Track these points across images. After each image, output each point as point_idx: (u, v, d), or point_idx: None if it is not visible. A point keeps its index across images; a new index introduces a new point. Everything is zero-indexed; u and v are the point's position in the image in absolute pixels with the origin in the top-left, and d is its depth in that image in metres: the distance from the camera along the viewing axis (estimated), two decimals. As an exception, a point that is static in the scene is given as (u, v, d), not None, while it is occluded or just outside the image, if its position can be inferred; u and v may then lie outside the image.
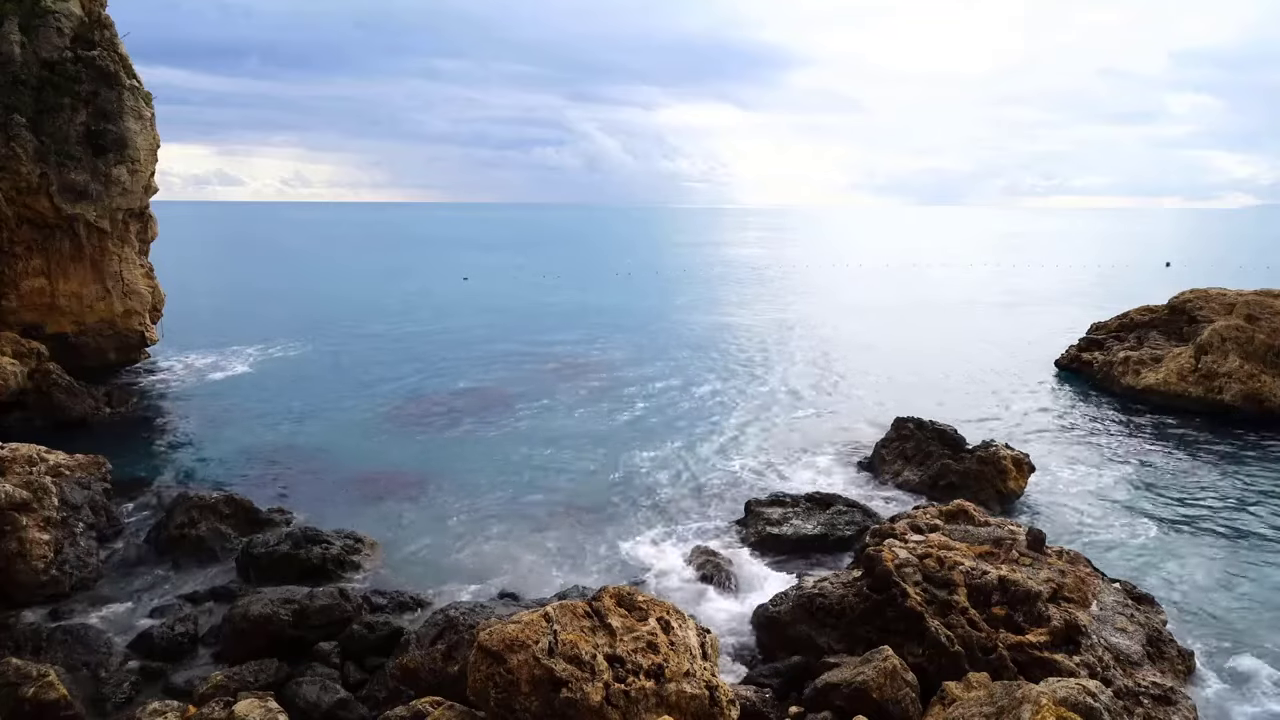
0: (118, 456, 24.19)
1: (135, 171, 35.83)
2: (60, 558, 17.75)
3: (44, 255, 34.66)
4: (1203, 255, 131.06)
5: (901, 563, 15.00)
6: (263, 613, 15.47)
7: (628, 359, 43.70)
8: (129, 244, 37.34)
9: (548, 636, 11.17)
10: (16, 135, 32.39)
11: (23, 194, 33.15)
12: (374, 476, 25.37)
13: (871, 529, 18.30)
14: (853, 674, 12.93)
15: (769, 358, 44.45)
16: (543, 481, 25.05)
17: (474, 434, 30.03)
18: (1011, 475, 23.36)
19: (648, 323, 56.81)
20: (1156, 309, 40.00)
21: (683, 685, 11.18)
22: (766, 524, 20.67)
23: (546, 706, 10.64)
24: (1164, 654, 14.51)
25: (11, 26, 32.91)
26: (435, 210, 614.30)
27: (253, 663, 14.59)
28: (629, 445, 28.65)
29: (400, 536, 20.95)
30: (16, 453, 19.29)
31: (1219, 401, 31.83)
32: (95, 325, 36.75)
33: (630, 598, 12.42)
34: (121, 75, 35.36)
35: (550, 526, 21.71)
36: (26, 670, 13.07)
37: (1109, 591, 15.71)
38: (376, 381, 38.14)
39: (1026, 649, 13.49)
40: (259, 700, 12.16)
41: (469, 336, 50.98)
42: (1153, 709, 12.76)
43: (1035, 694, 10.69)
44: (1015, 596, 14.31)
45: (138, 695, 14.14)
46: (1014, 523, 18.17)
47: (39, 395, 30.10)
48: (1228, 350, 32.47)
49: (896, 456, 25.55)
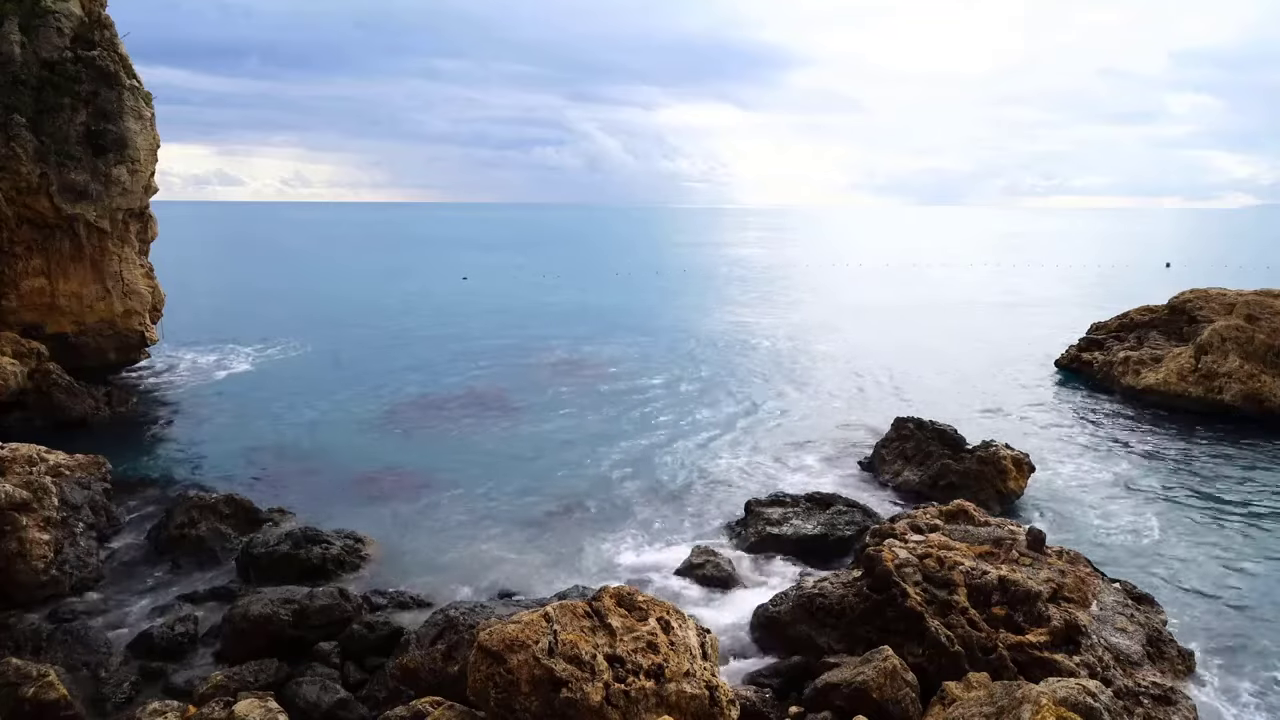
0: (118, 456, 24.20)
1: (135, 171, 35.83)
2: (60, 558, 17.74)
3: (44, 255, 34.64)
4: (1203, 255, 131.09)
5: (901, 563, 15.00)
6: (263, 613, 15.47)
7: (628, 359, 43.70)
8: (129, 244, 37.33)
9: (548, 636, 11.17)
10: (16, 135, 32.39)
11: (23, 194, 33.14)
12: (374, 476, 25.37)
13: (871, 529, 18.29)
14: (853, 674, 12.93)
15: (769, 358, 44.46)
16: (543, 481, 25.04)
17: (474, 434, 30.02)
18: (1011, 475, 23.36)
19: (648, 323, 56.80)
20: (1156, 309, 40.00)
21: (683, 685, 11.18)
22: (766, 524, 20.66)
23: (546, 706, 10.64)
24: (1164, 654, 14.51)
25: (11, 26, 32.90)
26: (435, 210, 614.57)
27: (253, 663, 14.59)
28: (629, 445, 28.65)
29: (400, 536, 20.94)
30: (16, 453, 19.29)
31: (1219, 401, 31.83)
32: (95, 325, 36.73)
33: (630, 598, 12.42)
34: (121, 75, 35.35)
35: (550, 526, 21.71)
36: (26, 670, 13.07)
37: (1109, 591, 15.71)
38: (376, 381, 38.15)
39: (1026, 649, 13.48)
40: (259, 700, 12.16)
41: (469, 336, 50.99)
42: (1153, 709, 12.76)
43: (1035, 694, 10.69)
44: (1015, 596, 14.31)
45: (138, 695, 14.15)
46: (1014, 523, 18.17)
47: (39, 395, 30.09)
48: (1228, 350, 32.47)
49: (896, 456, 25.55)
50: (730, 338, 50.88)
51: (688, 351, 46.05)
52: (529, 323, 56.84)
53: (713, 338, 50.76)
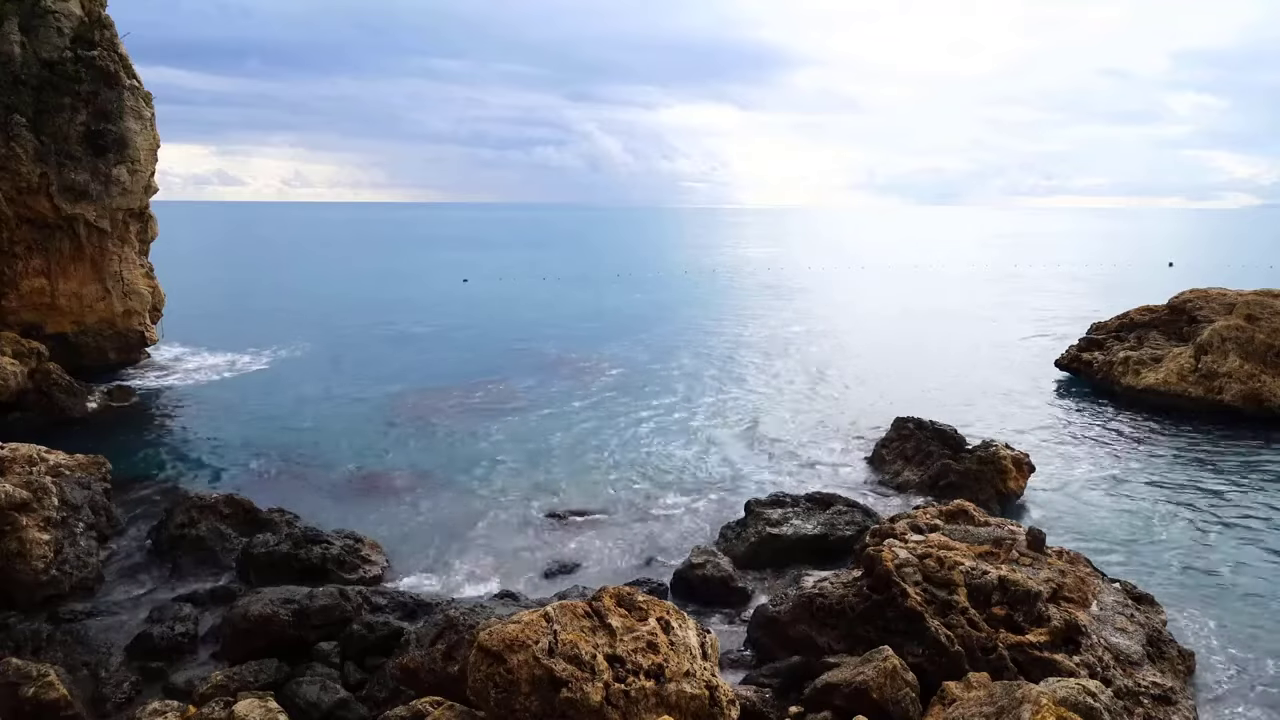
0: (118, 456, 24.19)
1: (135, 171, 35.85)
2: (60, 558, 17.74)
3: (44, 255, 34.66)
4: (1203, 255, 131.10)
5: (901, 563, 15.00)
6: (263, 613, 15.46)
7: (628, 359, 43.70)
8: (129, 244, 37.35)
9: (548, 636, 11.16)
10: (16, 135, 32.41)
11: (23, 194, 33.16)
12: (374, 476, 25.38)
13: (871, 529, 18.28)
14: (853, 674, 12.92)
15: (768, 358, 44.45)
16: (543, 481, 25.05)
17: (474, 434, 30.02)
18: (1011, 475, 23.35)
19: (647, 323, 56.81)
20: (1156, 309, 39.97)
21: (683, 685, 11.18)
22: (766, 524, 20.64)
23: (546, 706, 10.63)
24: (1164, 654, 14.50)
25: (11, 26, 32.92)
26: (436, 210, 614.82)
27: (253, 663, 14.58)
28: (629, 445, 28.66)
29: (400, 536, 20.95)
30: (16, 453, 19.28)
31: (1219, 401, 31.82)
32: (95, 325, 36.75)
33: (630, 598, 12.41)
34: (121, 75, 35.38)
35: (550, 526, 21.72)
36: (26, 670, 13.06)
37: (1109, 591, 15.71)
38: (376, 382, 38.14)
39: (1026, 649, 13.48)
40: (259, 700, 12.15)
41: (468, 336, 51.01)
42: (1153, 709, 12.76)
43: (1035, 694, 10.69)
44: (1015, 596, 14.31)
45: (138, 695, 14.15)
46: (1014, 523, 18.17)
47: (39, 395, 30.10)
48: (1228, 350, 32.47)
49: (896, 456, 25.55)
50: (729, 338, 50.89)
51: (687, 352, 46.05)
52: (529, 323, 56.86)
53: (712, 338, 50.77)
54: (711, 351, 46.27)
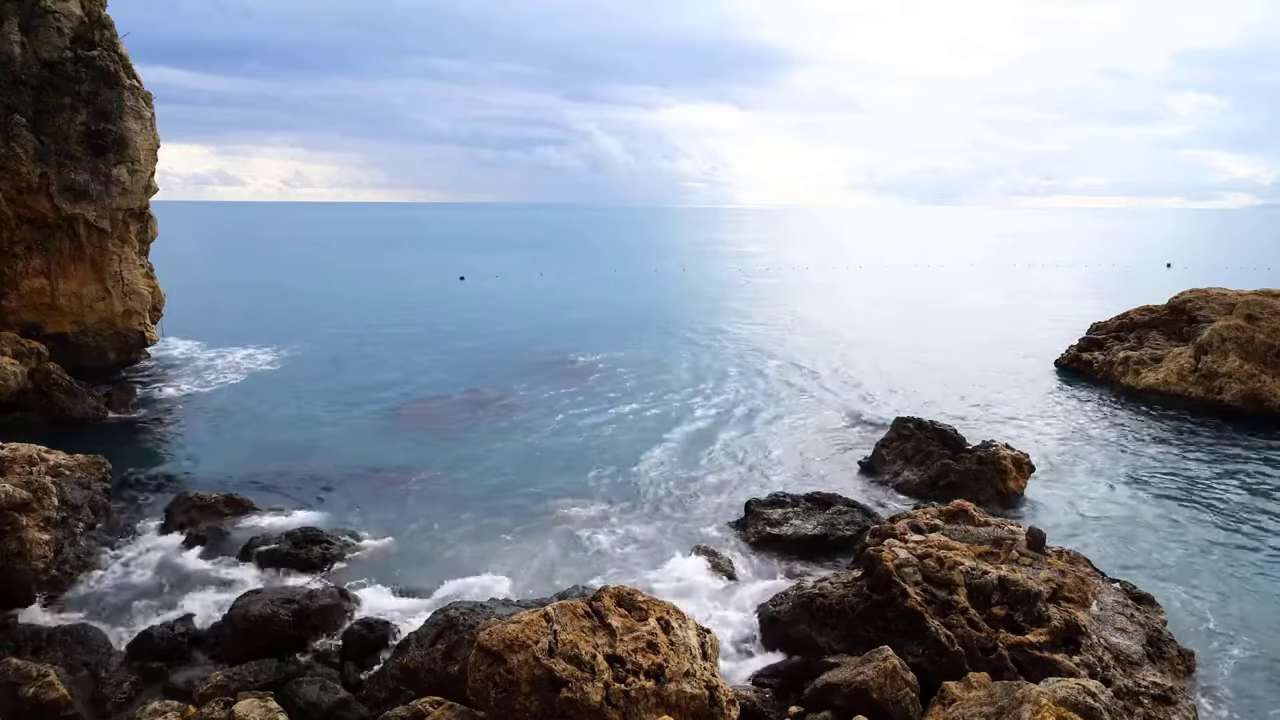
0: (118, 456, 24.17)
1: (135, 171, 35.85)
2: (60, 558, 17.74)
3: (44, 255, 34.67)
4: (1203, 256, 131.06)
5: (901, 563, 15.00)
6: (263, 613, 15.47)
7: (627, 359, 43.68)
8: (129, 244, 37.36)
9: (548, 636, 11.16)
10: (16, 135, 32.41)
11: (23, 194, 33.16)
12: (374, 476, 25.37)
13: (871, 529, 18.28)
14: (853, 674, 12.93)
15: (768, 358, 44.43)
16: (543, 481, 25.03)
17: (474, 434, 30.02)
18: (1011, 475, 23.36)
19: (647, 323, 56.79)
20: (1156, 309, 39.99)
21: (683, 685, 11.18)
22: (766, 524, 20.66)
23: (546, 706, 10.64)
24: (1164, 654, 14.50)
25: (11, 26, 32.92)
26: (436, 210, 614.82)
27: (253, 663, 14.59)
28: (629, 445, 28.64)
29: (400, 536, 20.93)
30: (16, 453, 19.27)
31: (1219, 401, 31.83)
32: (95, 325, 36.76)
33: (630, 598, 12.42)
34: (121, 75, 35.38)
35: (550, 526, 21.70)
36: (26, 670, 13.07)
37: (1109, 591, 15.71)
38: (376, 381, 38.14)
39: (1026, 649, 13.48)
40: (259, 700, 12.16)
41: (467, 336, 50.98)
42: (1153, 709, 12.76)
43: (1035, 694, 10.69)
44: (1015, 596, 14.31)
45: (138, 695, 14.15)
46: (1014, 523, 18.17)
47: (39, 395, 30.09)
48: (1228, 350, 32.47)
49: (896, 456, 25.55)
50: (729, 337, 50.87)
51: (687, 352, 46.03)
52: (529, 322, 56.85)
53: (712, 338, 50.74)
54: (711, 351, 46.25)
